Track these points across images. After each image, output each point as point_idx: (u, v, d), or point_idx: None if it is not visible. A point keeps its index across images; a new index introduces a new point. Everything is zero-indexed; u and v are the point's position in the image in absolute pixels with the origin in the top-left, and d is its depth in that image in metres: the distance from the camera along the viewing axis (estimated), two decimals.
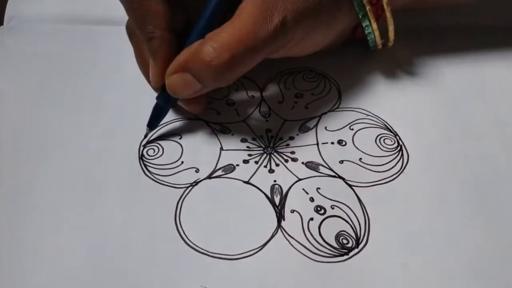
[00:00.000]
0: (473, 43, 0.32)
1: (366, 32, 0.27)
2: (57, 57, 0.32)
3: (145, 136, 0.27)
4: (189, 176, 0.25)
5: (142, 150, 0.27)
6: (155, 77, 0.25)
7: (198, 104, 0.27)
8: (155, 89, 0.26)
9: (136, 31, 0.26)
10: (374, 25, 0.26)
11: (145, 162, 0.26)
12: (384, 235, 0.23)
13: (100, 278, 0.21)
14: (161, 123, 0.28)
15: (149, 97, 0.27)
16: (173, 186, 0.25)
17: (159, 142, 0.27)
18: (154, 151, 0.27)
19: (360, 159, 0.26)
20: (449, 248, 0.22)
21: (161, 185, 0.25)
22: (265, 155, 0.26)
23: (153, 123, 0.27)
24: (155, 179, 0.25)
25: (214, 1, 0.24)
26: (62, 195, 0.24)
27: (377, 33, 0.27)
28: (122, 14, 0.26)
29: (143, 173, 0.25)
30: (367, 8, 0.25)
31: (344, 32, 0.28)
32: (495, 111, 0.28)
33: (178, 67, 0.23)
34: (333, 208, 0.24)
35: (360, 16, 0.26)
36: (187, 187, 0.25)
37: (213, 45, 0.22)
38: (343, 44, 0.30)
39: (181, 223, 0.23)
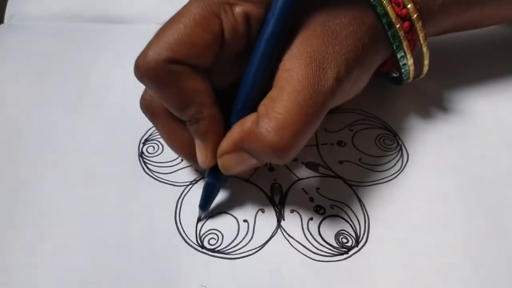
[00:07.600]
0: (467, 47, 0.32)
1: (401, 63, 0.24)
2: (58, 55, 0.32)
3: (199, 219, 0.24)
4: (189, 174, 0.25)
5: (142, 147, 0.27)
6: (208, 159, 0.22)
7: (249, 172, 0.25)
8: (204, 168, 0.23)
9: (161, 112, 0.23)
10: (410, 60, 0.24)
11: (145, 160, 0.26)
12: (384, 234, 0.23)
13: (100, 276, 0.21)
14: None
15: None
16: (173, 184, 0.25)
17: (159, 139, 0.27)
18: (154, 148, 0.27)
19: (360, 159, 0.26)
20: (448, 246, 0.22)
21: (161, 183, 0.25)
22: None
23: (206, 203, 0.23)
24: (155, 177, 0.25)
25: (254, 68, 0.21)
26: (61, 193, 0.24)
27: (412, 68, 0.25)
28: (121, 13, 0.26)
29: (142, 171, 0.25)
30: (404, 43, 0.23)
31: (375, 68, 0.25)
32: (497, 110, 0.29)
33: (234, 147, 0.21)
34: (332, 208, 0.24)
35: (395, 48, 0.23)
36: (187, 185, 0.25)
37: (272, 125, 0.19)
38: None
39: (181, 222, 0.23)
